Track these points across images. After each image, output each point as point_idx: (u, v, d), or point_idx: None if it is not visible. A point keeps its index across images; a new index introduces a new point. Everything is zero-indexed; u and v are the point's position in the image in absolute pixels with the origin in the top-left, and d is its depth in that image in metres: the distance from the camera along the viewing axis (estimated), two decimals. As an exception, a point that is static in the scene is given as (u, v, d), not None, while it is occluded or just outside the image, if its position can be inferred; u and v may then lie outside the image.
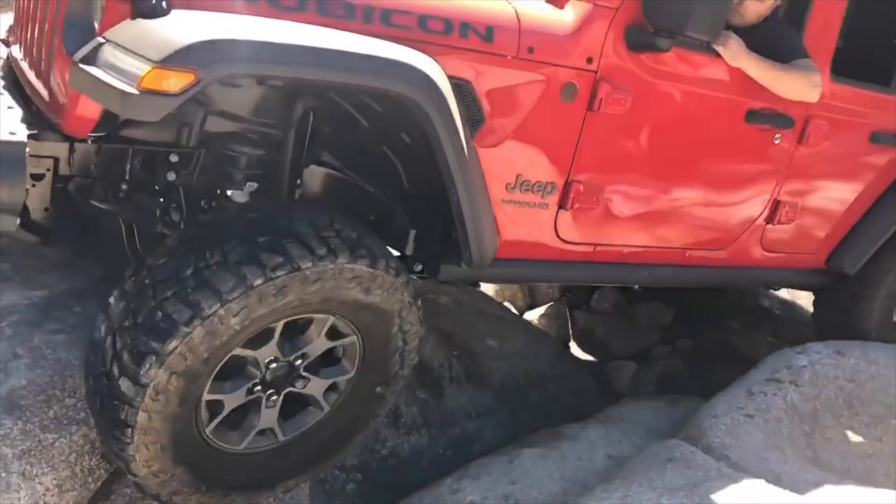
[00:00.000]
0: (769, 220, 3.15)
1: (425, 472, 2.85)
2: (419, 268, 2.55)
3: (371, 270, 2.12)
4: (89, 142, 2.11)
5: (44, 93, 2.13)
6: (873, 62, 3.30)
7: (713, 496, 2.43)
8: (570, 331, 4.53)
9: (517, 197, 2.51)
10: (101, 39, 1.84)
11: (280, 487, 2.39)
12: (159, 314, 1.89)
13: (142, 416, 1.93)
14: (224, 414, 2.15)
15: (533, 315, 4.49)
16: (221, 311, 1.90)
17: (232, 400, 2.15)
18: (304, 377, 2.25)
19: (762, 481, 2.50)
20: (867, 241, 3.47)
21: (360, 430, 2.49)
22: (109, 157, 2.20)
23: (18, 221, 1.99)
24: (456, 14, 2.21)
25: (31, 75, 2.29)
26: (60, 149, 2.08)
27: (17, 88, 2.44)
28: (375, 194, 2.50)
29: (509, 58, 2.30)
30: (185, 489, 2.13)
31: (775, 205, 3.14)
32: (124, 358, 1.90)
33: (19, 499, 2.08)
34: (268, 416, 2.24)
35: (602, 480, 2.64)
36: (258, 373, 2.16)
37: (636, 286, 3.49)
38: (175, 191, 2.30)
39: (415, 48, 2.10)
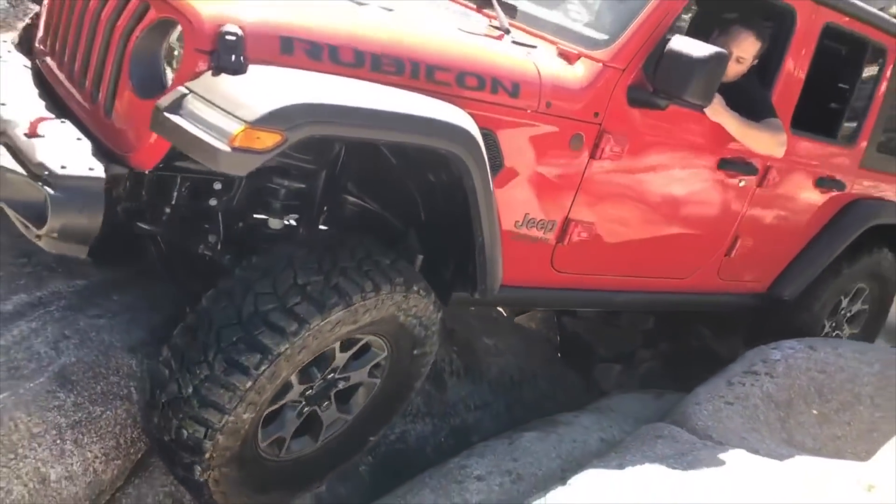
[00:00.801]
0: (727, 252, 3.53)
1: (429, 457, 3.08)
2: None
3: (426, 302, 2.41)
4: (146, 171, 2.25)
5: (102, 122, 2.25)
6: (823, 115, 3.70)
7: (700, 462, 2.70)
8: (559, 334, 4.78)
9: (523, 232, 2.79)
10: (184, 90, 1.97)
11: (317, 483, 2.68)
12: (227, 362, 2.10)
13: (217, 449, 2.17)
14: (286, 431, 2.44)
15: (523, 319, 4.75)
16: (321, 325, 2.15)
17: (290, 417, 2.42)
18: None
19: (743, 451, 2.79)
20: (805, 271, 3.90)
21: (378, 428, 2.77)
22: (160, 184, 2.35)
23: (86, 252, 2.11)
24: (488, 71, 2.45)
25: (79, 97, 2.40)
26: (120, 178, 2.21)
27: (48, 93, 2.54)
28: (393, 222, 2.71)
29: (530, 112, 2.56)
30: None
31: (734, 239, 3.51)
32: (196, 405, 2.11)
33: (72, 464, 2.28)
34: (328, 416, 2.53)
35: (597, 458, 2.89)
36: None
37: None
38: (215, 215, 2.46)
39: (452, 102, 2.33)
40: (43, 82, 2.64)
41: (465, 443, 3.18)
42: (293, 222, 2.52)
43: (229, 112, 1.89)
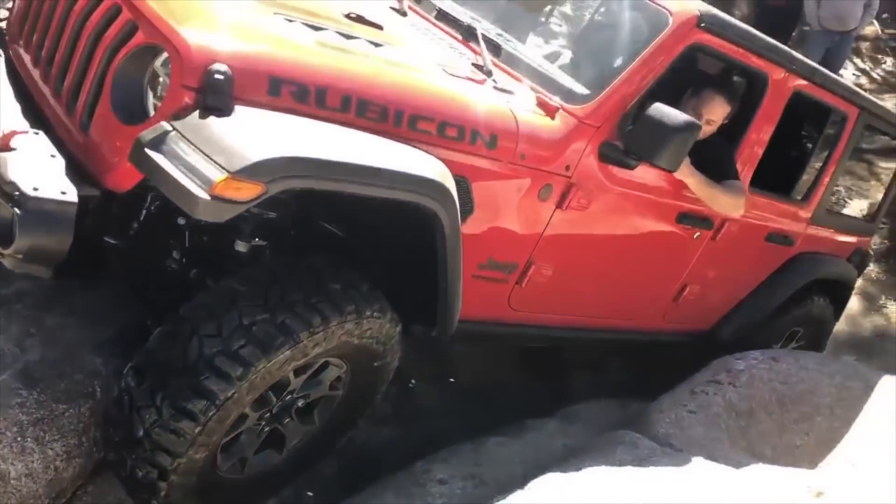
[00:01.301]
0: (675, 298, 3.66)
1: (396, 462, 3.06)
2: None
3: (381, 322, 2.44)
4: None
5: (77, 137, 2.23)
6: (780, 173, 3.83)
7: (658, 467, 2.76)
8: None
9: (485, 273, 2.85)
10: (167, 127, 1.96)
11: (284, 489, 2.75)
12: (174, 408, 2.10)
13: (173, 487, 2.19)
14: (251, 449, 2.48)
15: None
16: (267, 366, 2.16)
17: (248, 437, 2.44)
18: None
19: (701, 458, 2.86)
20: (746, 317, 4.06)
21: (333, 444, 2.83)
22: (130, 200, 2.34)
23: (51, 273, 2.10)
24: (469, 121, 2.49)
25: (54, 103, 2.36)
26: (92, 198, 2.19)
27: (20, 89, 2.50)
28: (361, 252, 2.74)
29: (505, 162, 2.60)
30: None
31: (683, 287, 3.64)
32: (147, 448, 2.12)
33: (33, 461, 2.29)
34: (291, 430, 2.57)
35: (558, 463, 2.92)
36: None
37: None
38: (182, 233, 2.46)
39: (430, 151, 2.37)
40: (14, 74, 2.58)
41: (432, 448, 3.18)
42: (261, 243, 2.52)
43: (212, 158, 1.89)
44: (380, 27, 2.75)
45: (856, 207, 7.00)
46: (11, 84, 2.54)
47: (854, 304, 6.30)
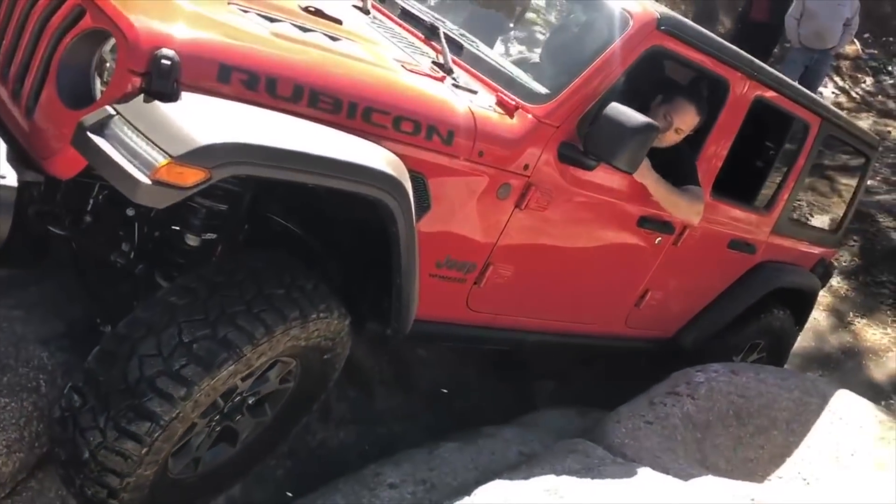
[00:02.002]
0: (636, 303, 3.65)
1: (351, 465, 3.04)
2: None
3: (328, 321, 2.39)
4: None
5: (22, 122, 2.18)
6: (742, 181, 3.85)
7: (604, 477, 2.75)
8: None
9: (443, 272, 2.82)
10: (111, 111, 1.91)
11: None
12: (118, 431, 2.05)
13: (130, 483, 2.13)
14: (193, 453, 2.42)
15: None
16: (211, 383, 2.11)
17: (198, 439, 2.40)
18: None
19: (649, 469, 2.86)
20: (708, 325, 4.06)
21: (289, 430, 2.78)
22: (76, 189, 2.29)
23: None
24: (425, 116, 2.46)
25: (1, 90, 2.31)
26: (34, 184, 2.14)
27: None
28: (315, 248, 2.70)
29: (462, 159, 2.58)
30: None
31: (645, 292, 3.63)
32: (94, 469, 2.07)
33: None
34: (243, 425, 2.53)
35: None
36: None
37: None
38: (131, 225, 2.41)
39: (385, 145, 2.34)
40: None
41: (389, 452, 3.16)
42: (212, 237, 2.48)
43: (155, 143, 1.84)
44: (339, 22, 2.73)
45: (818, 223, 7.09)
46: None
47: (822, 320, 6.39)
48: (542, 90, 2.84)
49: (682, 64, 3.22)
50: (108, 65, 2.11)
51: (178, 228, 2.45)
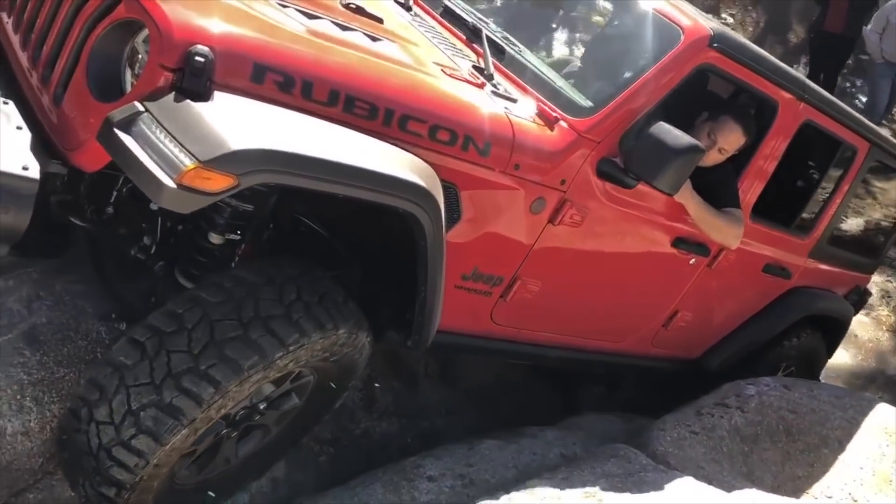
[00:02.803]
0: (665, 324, 3.55)
1: (392, 456, 3.05)
2: None
3: (353, 335, 2.33)
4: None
5: (50, 109, 2.12)
6: (782, 203, 3.72)
7: (644, 483, 2.73)
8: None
9: (468, 285, 2.74)
10: (140, 107, 1.85)
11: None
12: (137, 428, 2.00)
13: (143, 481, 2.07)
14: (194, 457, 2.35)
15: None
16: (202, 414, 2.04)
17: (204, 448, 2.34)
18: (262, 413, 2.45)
19: (691, 478, 2.83)
20: (736, 348, 3.95)
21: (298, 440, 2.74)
22: (99, 181, 2.23)
23: (8, 250, 1.99)
24: (462, 126, 2.37)
25: (29, 70, 2.25)
26: (59, 174, 2.08)
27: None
28: (341, 254, 2.63)
29: (497, 171, 2.49)
30: None
31: (674, 313, 3.53)
32: (102, 467, 2.01)
33: (30, 420, 2.32)
34: (229, 447, 2.45)
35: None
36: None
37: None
38: (154, 219, 2.35)
39: (419, 154, 2.26)
40: None
41: (430, 446, 3.16)
42: (236, 237, 2.41)
43: (183, 145, 1.78)
44: (380, 20, 2.64)
45: (852, 224, 6.85)
46: None
47: (885, 340, 6.23)
48: (586, 103, 2.73)
49: (730, 83, 3.11)
50: (140, 57, 2.04)
51: (201, 225, 2.38)
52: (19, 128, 2.03)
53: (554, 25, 3.90)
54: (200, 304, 2.11)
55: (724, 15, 10.53)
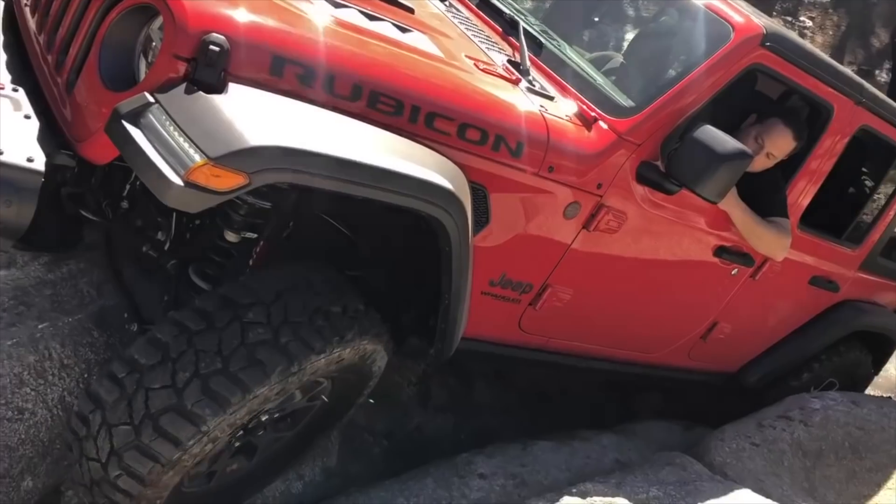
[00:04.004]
0: (703, 336, 3.38)
1: (444, 451, 3.01)
2: None
3: (374, 346, 2.24)
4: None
5: (62, 96, 2.03)
6: (832, 213, 3.52)
7: (700, 493, 2.67)
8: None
9: (496, 291, 2.60)
10: (150, 98, 1.74)
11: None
12: (121, 468, 1.91)
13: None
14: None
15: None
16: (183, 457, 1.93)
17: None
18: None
19: (749, 491, 2.75)
20: (778, 363, 3.77)
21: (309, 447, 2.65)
22: (112, 173, 2.13)
23: (12, 244, 1.91)
24: (494, 125, 2.23)
25: (45, 56, 2.16)
26: (66, 168, 1.99)
27: (15, 36, 2.31)
28: (364, 253, 2.52)
29: (529, 173, 2.35)
30: None
31: (713, 324, 3.36)
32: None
33: None
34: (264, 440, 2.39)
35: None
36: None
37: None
38: (169, 214, 2.25)
39: (446, 153, 2.13)
40: (14, 22, 2.40)
41: (483, 444, 3.11)
42: (251, 236, 2.30)
43: (192, 140, 1.66)
44: (410, 10, 2.51)
45: None
46: (7, 32, 2.35)
47: None
48: (627, 102, 2.58)
49: (782, 84, 2.91)
50: (154, 44, 1.94)
51: (217, 222, 2.28)
52: (27, 116, 1.94)
53: (596, 19, 3.73)
54: (230, 305, 2.01)
55: (802, 18, 10.18)
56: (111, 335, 2.38)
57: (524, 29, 2.75)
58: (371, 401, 2.74)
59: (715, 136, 2.42)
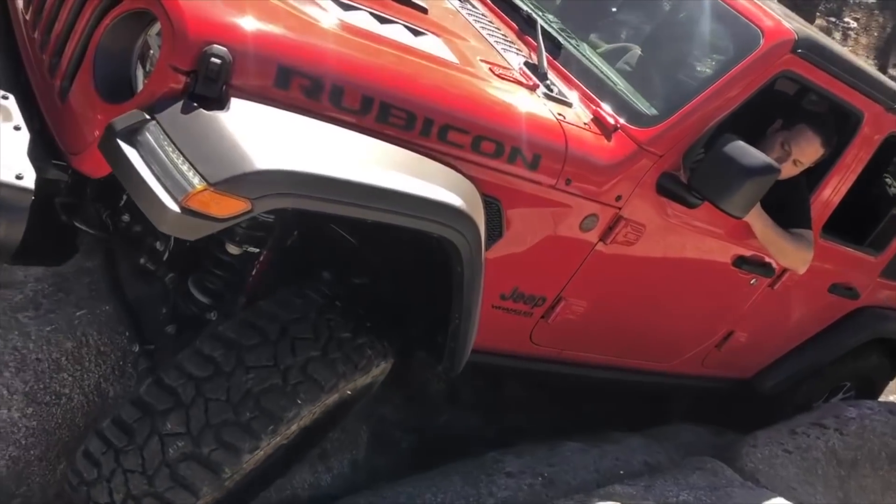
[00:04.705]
0: (718, 345, 3.28)
1: (473, 449, 2.99)
2: None
3: (385, 366, 2.20)
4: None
5: (55, 103, 1.92)
6: (853, 219, 3.40)
7: (731, 499, 2.65)
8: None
9: (508, 304, 2.51)
10: (146, 115, 1.64)
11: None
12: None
13: None
14: None
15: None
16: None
17: None
18: None
19: (781, 498, 2.73)
20: (793, 370, 3.67)
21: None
22: (107, 183, 2.03)
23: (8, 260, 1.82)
24: (510, 137, 2.12)
25: (37, 58, 2.05)
26: (58, 182, 1.89)
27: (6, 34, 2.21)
28: (371, 263, 2.42)
29: (546, 186, 2.24)
30: None
31: (729, 334, 3.26)
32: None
33: (131, 386, 2.34)
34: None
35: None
36: None
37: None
38: None
39: (459, 166, 2.02)
40: (8, 22, 2.28)
41: (511, 443, 3.09)
42: (253, 250, 2.20)
43: (191, 162, 1.56)
44: (424, 10, 2.39)
45: None
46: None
47: None
48: (650, 111, 2.45)
49: (812, 91, 2.79)
50: (152, 52, 1.82)
51: (218, 234, 2.17)
52: (17, 127, 1.82)
53: (614, 9, 3.59)
54: (233, 347, 1.94)
55: (847, 19, 9.95)
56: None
57: (542, 28, 2.62)
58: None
59: (742, 149, 2.31)
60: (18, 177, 1.71)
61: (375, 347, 2.12)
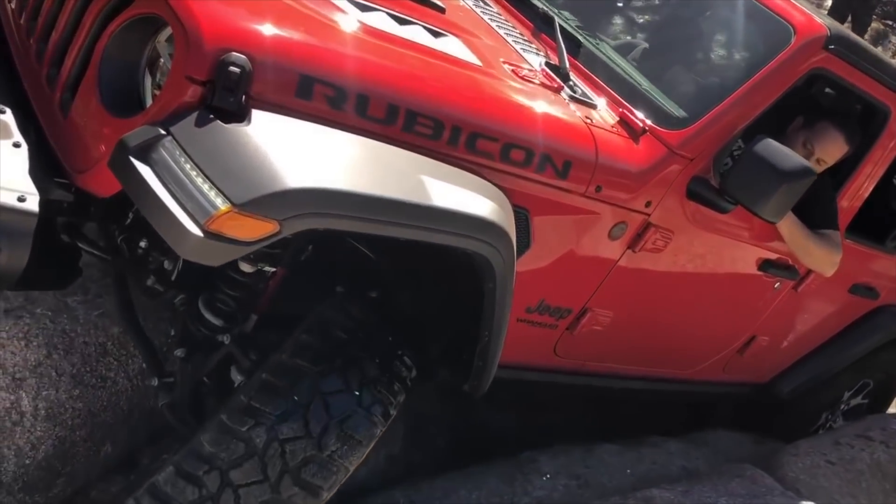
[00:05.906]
0: (740, 350, 3.19)
1: (508, 449, 2.96)
2: None
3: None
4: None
5: (56, 117, 1.78)
6: (875, 220, 3.32)
7: None
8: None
9: (533, 318, 2.40)
10: (161, 131, 1.51)
11: None
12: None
13: None
14: None
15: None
16: None
17: None
18: None
19: None
20: (811, 373, 3.59)
21: None
22: (113, 203, 1.89)
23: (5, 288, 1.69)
24: (540, 145, 2.00)
25: (38, 72, 1.91)
26: (62, 202, 1.75)
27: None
28: (390, 278, 2.29)
29: (576, 194, 2.13)
30: None
31: (751, 339, 3.17)
32: None
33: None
34: None
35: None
36: None
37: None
38: None
39: (488, 176, 1.90)
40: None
41: (547, 443, 3.06)
42: (268, 269, 2.07)
43: (213, 181, 1.43)
44: (441, 9, 2.27)
45: None
46: None
47: None
48: (679, 112, 2.34)
49: (842, 89, 2.69)
50: (162, 61, 1.69)
51: None
52: (17, 144, 1.68)
53: (619, 4, 3.47)
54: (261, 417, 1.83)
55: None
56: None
57: (559, 25, 2.50)
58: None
59: (776, 150, 2.20)
60: (21, 199, 1.57)
61: (404, 375, 2.01)
